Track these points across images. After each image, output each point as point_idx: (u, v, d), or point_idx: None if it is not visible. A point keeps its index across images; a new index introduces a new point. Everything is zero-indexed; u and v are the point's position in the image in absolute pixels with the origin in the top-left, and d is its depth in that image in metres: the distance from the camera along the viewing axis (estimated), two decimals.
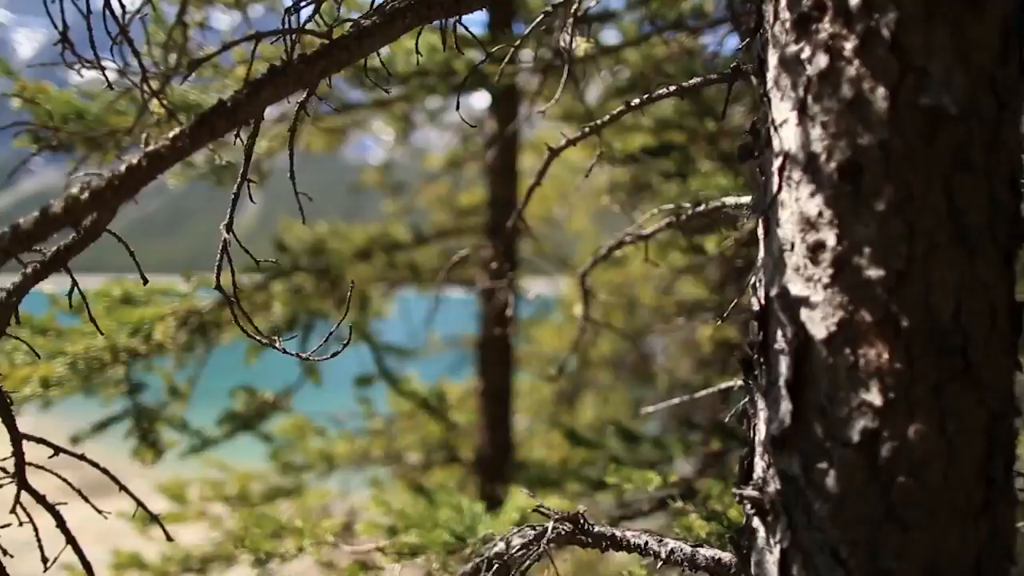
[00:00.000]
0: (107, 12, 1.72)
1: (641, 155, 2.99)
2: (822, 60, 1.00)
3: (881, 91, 0.96)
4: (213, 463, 4.09)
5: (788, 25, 1.06)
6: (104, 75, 1.72)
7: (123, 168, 1.09)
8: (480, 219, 4.75)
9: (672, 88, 1.42)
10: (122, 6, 1.78)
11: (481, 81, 2.88)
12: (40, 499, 1.64)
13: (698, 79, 1.45)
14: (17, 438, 1.56)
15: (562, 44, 1.82)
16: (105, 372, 2.70)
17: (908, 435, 0.95)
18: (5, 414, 1.52)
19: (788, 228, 1.07)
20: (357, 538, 2.48)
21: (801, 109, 1.04)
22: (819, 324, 1.02)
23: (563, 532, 1.39)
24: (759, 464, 1.16)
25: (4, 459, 1.59)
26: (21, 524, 1.62)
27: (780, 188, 1.09)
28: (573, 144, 1.62)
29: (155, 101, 1.93)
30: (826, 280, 1.01)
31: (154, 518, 1.85)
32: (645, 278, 7.15)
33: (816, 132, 1.02)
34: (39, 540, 1.65)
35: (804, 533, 1.03)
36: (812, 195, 1.03)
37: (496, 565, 1.41)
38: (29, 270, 1.23)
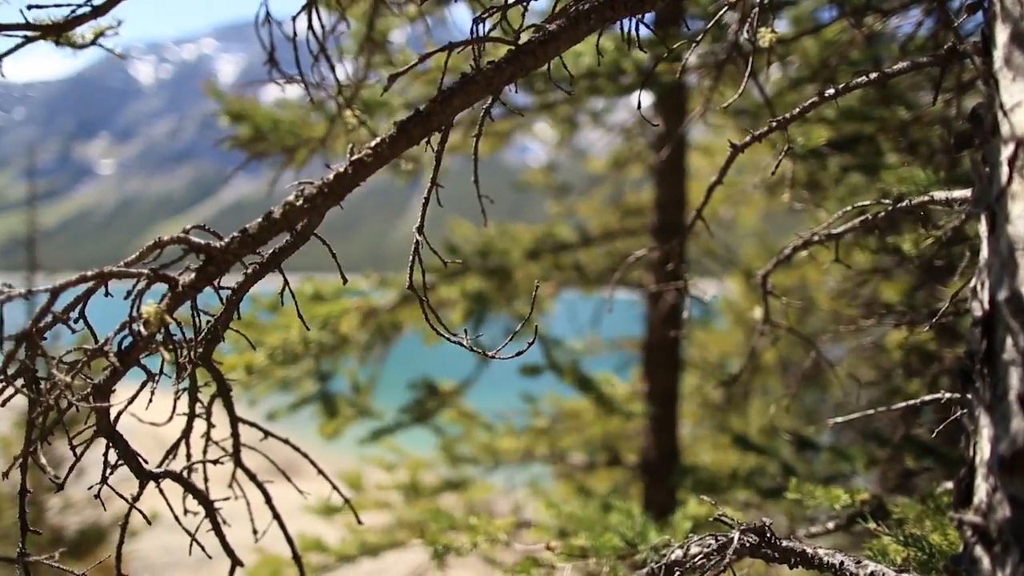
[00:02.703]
0: (310, 34, 1.88)
1: (825, 149, 2.81)
2: None
3: None
4: (389, 446, 4.33)
5: None
6: (307, 90, 1.87)
7: (332, 176, 1.18)
8: (646, 220, 4.68)
9: (873, 75, 1.32)
10: (322, 27, 1.94)
11: (650, 80, 2.84)
12: (252, 477, 1.83)
13: (903, 64, 1.34)
14: (235, 421, 1.74)
15: (744, 36, 1.75)
16: (298, 363, 2.95)
17: None
18: (226, 400, 1.70)
19: (1021, 224, 0.96)
20: (526, 535, 2.53)
21: None
22: None
23: (748, 544, 1.33)
24: (982, 487, 1.04)
25: (223, 439, 1.79)
26: (236, 499, 1.81)
27: (1011, 179, 0.97)
28: (758, 140, 1.55)
29: (348, 111, 2.08)
30: None
31: (346, 501, 1.99)
32: (822, 279, 6.71)
33: None
34: (251, 514, 1.83)
35: None
36: None
37: (676, 573, 1.37)
38: (250, 271, 1.37)
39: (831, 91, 1.39)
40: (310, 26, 1.89)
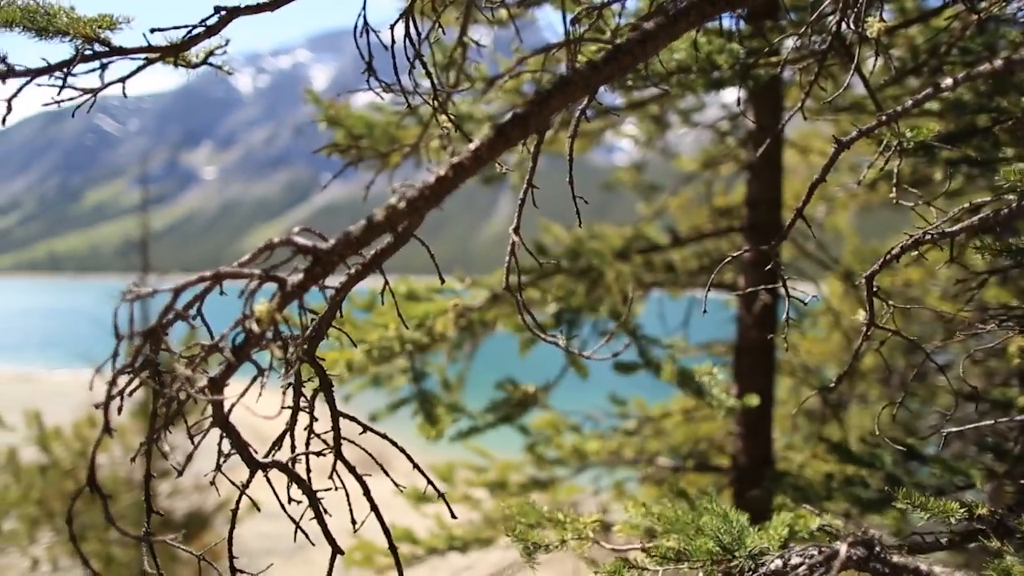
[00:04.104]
0: (407, 41, 1.93)
1: (934, 143, 2.65)
2: None
3: None
4: (476, 450, 4.39)
5: None
6: (404, 96, 1.92)
7: (433, 179, 1.20)
8: (737, 219, 4.56)
9: (997, 63, 1.24)
10: (418, 33, 1.99)
11: (745, 74, 2.76)
12: (351, 469, 1.89)
13: None
14: (336, 415, 1.81)
15: (849, 26, 1.68)
16: (393, 361, 3.04)
17: None
18: (328, 394, 1.76)
19: None
20: (613, 536, 2.50)
21: None
22: None
23: (855, 557, 1.27)
24: None
25: (325, 432, 1.86)
26: (336, 489, 1.88)
27: None
28: (865, 135, 1.49)
29: (443, 116, 2.12)
30: None
31: (440, 495, 2.03)
32: (927, 281, 6.35)
33: None
34: (349, 505, 1.90)
35: None
36: None
37: None
38: (352, 271, 1.42)
39: (948, 81, 1.31)
40: (407, 33, 1.94)
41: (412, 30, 2.00)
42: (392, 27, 1.96)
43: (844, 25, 2.07)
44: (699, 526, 2.07)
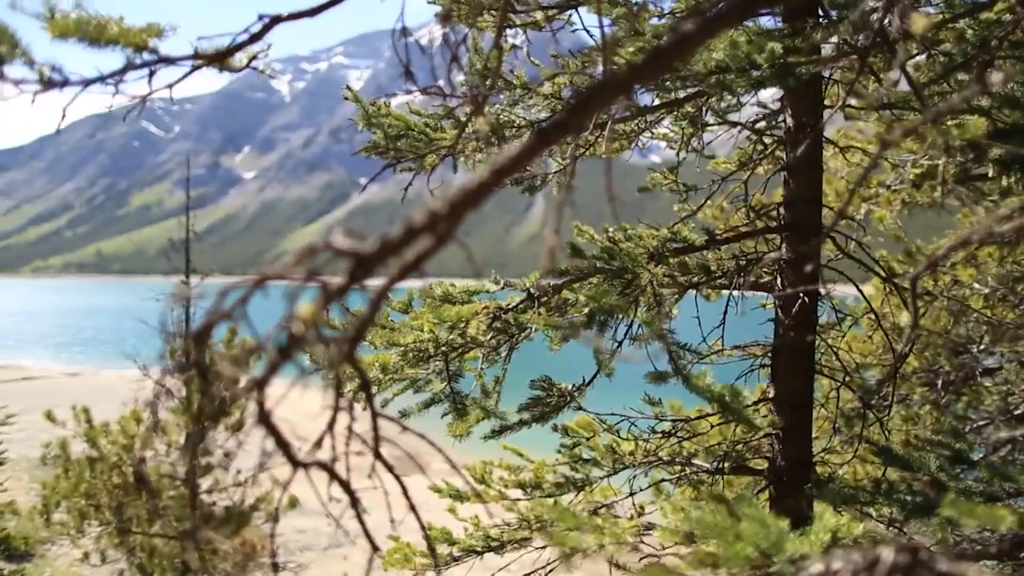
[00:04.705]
0: (444, 44, 1.94)
1: (982, 140, 2.59)
2: None
3: None
4: (511, 449, 4.40)
5: None
6: (444, 98, 1.94)
7: (472, 181, 1.21)
8: (774, 219, 4.49)
9: None
10: (455, 36, 2.00)
11: (786, 73, 2.72)
12: (390, 469, 1.92)
13: None
14: (375, 415, 1.84)
15: (895, 22, 1.65)
16: (429, 363, 3.07)
17: None
18: (367, 394, 1.79)
19: None
20: (655, 539, 2.50)
21: None
22: None
23: (901, 564, 1.25)
24: None
25: (361, 433, 1.89)
26: (375, 489, 1.91)
27: None
28: (910, 134, 1.46)
29: (480, 119, 2.14)
30: None
31: (477, 495, 2.05)
32: (969, 282, 6.19)
33: None
34: (388, 504, 1.93)
35: None
36: None
37: None
38: (392, 273, 1.44)
39: (1000, 77, 1.28)
40: (444, 37, 1.96)
41: (450, 34, 2.02)
42: (431, 32, 1.99)
43: (888, 21, 2.03)
44: (738, 531, 2.05)
